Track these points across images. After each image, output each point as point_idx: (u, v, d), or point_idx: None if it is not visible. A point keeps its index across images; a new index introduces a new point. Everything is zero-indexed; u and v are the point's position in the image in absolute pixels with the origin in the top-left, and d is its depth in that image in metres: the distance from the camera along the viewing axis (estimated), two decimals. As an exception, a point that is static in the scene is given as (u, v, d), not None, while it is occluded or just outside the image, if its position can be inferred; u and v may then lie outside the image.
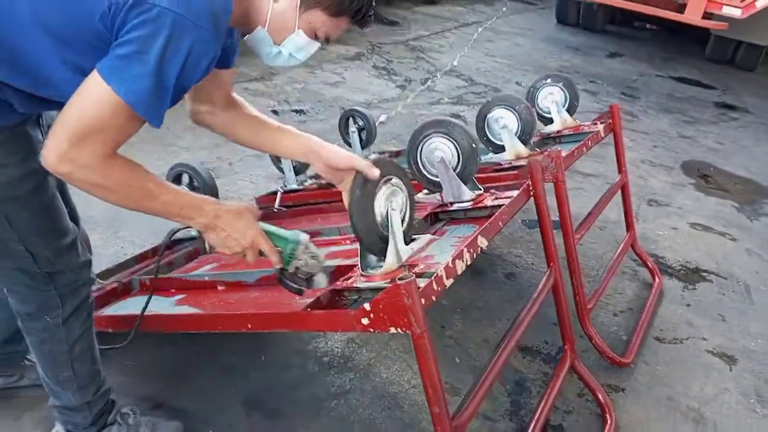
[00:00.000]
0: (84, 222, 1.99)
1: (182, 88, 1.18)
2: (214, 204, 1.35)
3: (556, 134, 2.83)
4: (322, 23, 1.31)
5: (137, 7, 1.09)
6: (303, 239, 1.45)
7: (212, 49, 1.17)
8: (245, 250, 1.38)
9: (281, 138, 1.57)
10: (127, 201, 1.24)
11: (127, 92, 1.11)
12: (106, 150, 1.16)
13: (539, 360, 2.35)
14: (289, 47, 1.34)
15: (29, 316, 1.48)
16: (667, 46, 8.83)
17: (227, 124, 1.58)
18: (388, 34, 7.14)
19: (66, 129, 1.13)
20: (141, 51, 1.10)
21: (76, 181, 1.18)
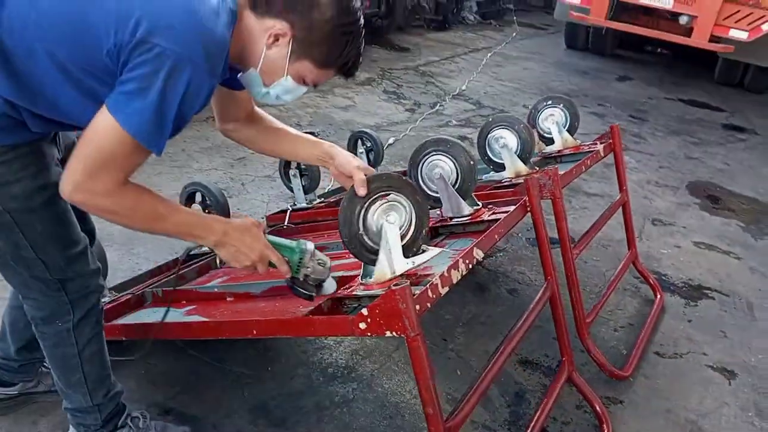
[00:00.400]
0: (101, 239, 2.10)
1: (182, 119, 1.29)
2: (222, 222, 1.46)
3: (557, 154, 2.91)
4: (310, 72, 1.41)
5: (140, 46, 1.19)
6: (309, 248, 1.54)
7: (207, 83, 1.27)
8: (255, 262, 1.48)
9: (300, 146, 1.73)
10: (140, 224, 1.36)
11: (130, 125, 1.22)
12: (117, 179, 1.26)
13: (539, 373, 2.40)
14: (277, 90, 1.44)
15: (43, 321, 1.57)
16: (676, 70, 8.91)
17: (252, 138, 1.73)
18: (399, 59, 7.30)
19: (80, 161, 1.24)
20: (143, 87, 1.21)
21: (91, 209, 1.30)
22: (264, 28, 1.36)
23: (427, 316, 2.59)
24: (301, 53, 1.38)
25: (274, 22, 1.35)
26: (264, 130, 1.73)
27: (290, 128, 1.76)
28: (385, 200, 1.59)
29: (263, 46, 1.37)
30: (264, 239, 1.49)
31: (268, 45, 1.37)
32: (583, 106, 6.41)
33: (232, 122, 1.70)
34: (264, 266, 1.50)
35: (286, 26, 1.35)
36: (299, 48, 1.37)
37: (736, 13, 6.58)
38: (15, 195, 1.39)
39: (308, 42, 1.37)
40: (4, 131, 1.32)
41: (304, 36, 1.36)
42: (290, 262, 1.52)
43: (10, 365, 1.85)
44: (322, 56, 1.39)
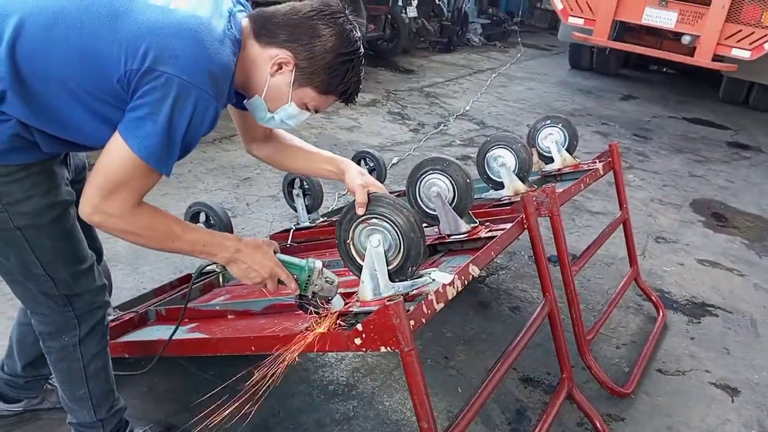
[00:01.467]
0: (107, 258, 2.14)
1: (189, 142, 1.35)
2: (234, 240, 1.51)
3: (556, 172, 2.93)
4: (312, 98, 1.48)
5: (148, 74, 1.26)
6: (317, 266, 1.59)
7: (213, 108, 1.33)
8: (265, 280, 1.53)
9: (315, 162, 1.81)
10: (155, 243, 1.42)
11: (140, 148, 1.28)
12: (132, 200, 1.33)
13: (540, 390, 2.41)
14: (281, 115, 1.51)
15: (50, 335, 1.61)
16: (681, 89, 8.96)
17: (271, 156, 1.82)
18: (404, 81, 7.38)
19: (96, 184, 1.31)
20: (152, 113, 1.27)
21: (108, 229, 1.36)
22: (268, 57, 1.42)
23: (428, 334, 2.63)
24: (304, 81, 1.44)
25: (278, 51, 1.41)
26: (282, 147, 1.82)
27: (307, 145, 1.84)
28: (367, 224, 1.62)
29: (267, 74, 1.43)
30: (274, 257, 1.54)
31: (272, 73, 1.43)
32: (587, 126, 6.46)
33: (254, 142, 1.79)
34: (273, 283, 1.55)
35: (290, 55, 1.41)
36: (302, 76, 1.43)
37: (738, 32, 6.63)
38: (25, 212, 1.44)
39: (311, 70, 1.43)
40: (16, 151, 1.38)
41: (306, 65, 1.42)
42: (299, 279, 1.57)
43: (17, 382, 1.88)
44: (323, 84, 1.45)
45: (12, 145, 1.36)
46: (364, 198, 1.62)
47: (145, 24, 1.28)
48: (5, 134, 1.34)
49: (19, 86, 1.30)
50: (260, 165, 4.25)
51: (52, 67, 1.29)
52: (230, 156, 4.36)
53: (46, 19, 1.29)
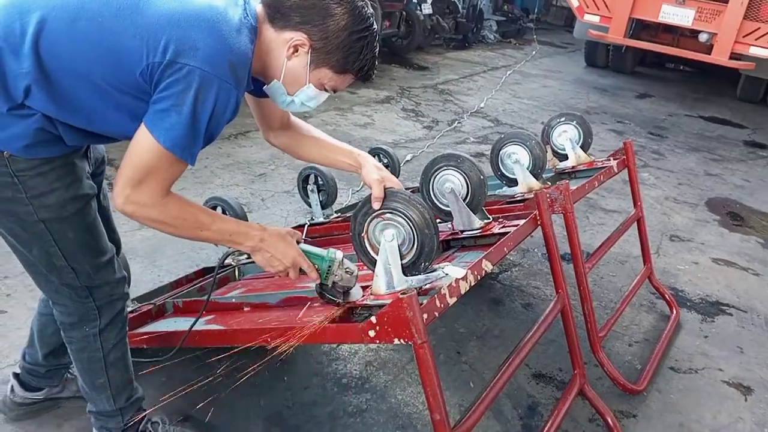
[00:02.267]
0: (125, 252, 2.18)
1: (213, 131, 1.39)
2: (259, 229, 1.55)
3: (571, 170, 2.93)
4: (330, 79, 1.50)
5: (170, 67, 1.29)
6: (338, 257, 1.62)
7: (234, 96, 1.36)
8: (287, 268, 1.57)
9: (332, 153, 1.82)
10: (184, 232, 1.46)
11: (166, 139, 1.32)
12: (160, 189, 1.37)
13: (552, 386, 2.42)
14: (301, 97, 1.53)
15: (71, 326, 1.65)
16: (698, 87, 8.89)
17: (288, 145, 1.85)
18: (418, 78, 7.39)
19: (126, 176, 1.35)
20: (176, 104, 1.31)
21: (140, 218, 1.40)
22: (283, 41, 1.44)
23: (441, 329, 2.65)
24: (320, 61, 1.46)
25: (293, 33, 1.43)
26: (300, 137, 1.84)
27: (326, 136, 1.86)
28: (382, 218, 1.64)
29: (284, 58, 1.46)
30: (296, 247, 1.58)
31: (288, 56, 1.46)
32: (603, 123, 6.44)
33: (271, 130, 1.82)
34: (295, 272, 1.59)
35: (304, 37, 1.43)
36: (318, 56, 1.46)
37: (757, 30, 6.57)
38: (49, 205, 1.47)
39: (326, 50, 1.45)
40: (41, 145, 1.42)
41: (321, 45, 1.44)
42: (319, 269, 1.61)
43: (38, 371, 1.93)
44: (339, 63, 1.47)
45: (37, 139, 1.40)
46: (381, 193, 1.64)
47: (164, 16, 1.31)
48: (30, 128, 1.38)
49: (44, 81, 1.33)
50: (275, 161, 4.29)
51: (76, 62, 1.33)
52: (246, 152, 4.40)
53: (69, 14, 1.32)
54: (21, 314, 2.38)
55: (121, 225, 3.06)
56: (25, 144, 1.39)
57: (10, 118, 1.36)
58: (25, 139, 1.38)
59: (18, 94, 1.33)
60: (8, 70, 1.32)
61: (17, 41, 1.31)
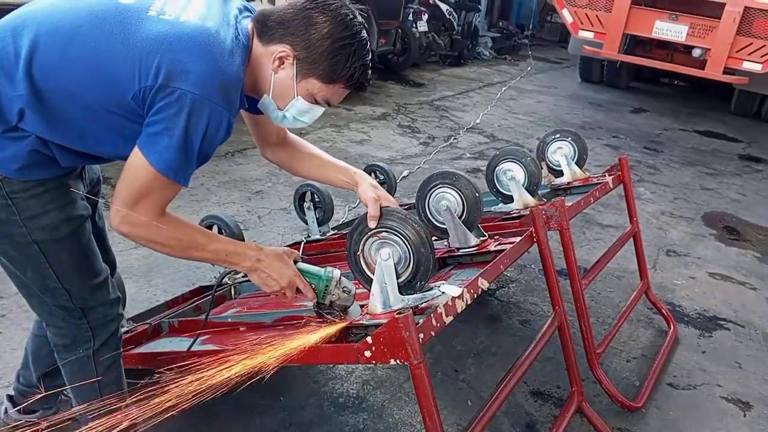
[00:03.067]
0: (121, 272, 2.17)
1: (205, 153, 1.39)
2: (256, 250, 1.54)
3: (566, 186, 2.94)
4: (319, 89, 1.49)
5: (162, 91, 1.30)
6: (336, 275, 1.62)
7: (226, 118, 1.37)
8: (284, 288, 1.57)
9: (329, 171, 1.82)
10: (179, 252, 1.47)
11: (159, 162, 1.33)
12: (155, 210, 1.38)
13: (550, 404, 2.40)
14: (292, 111, 1.52)
15: (65, 348, 1.64)
16: (692, 102, 8.94)
17: (285, 161, 1.85)
18: (414, 95, 7.43)
19: (121, 197, 1.36)
20: (168, 128, 1.32)
21: (135, 238, 1.40)
22: (269, 54, 1.45)
23: (438, 347, 2.64)
24: (306, 71, 1.46)
25: (277, 46, 1.44)
26: (296, 154, 1.84)
27: (323, 153, 1.86)
28: (378, 237, 1.64)
29: (271, 71, 1.46)
30: (293, 267, 1.58)
31: (274, 69, 1.46)
32: (598, 139, 6.46)
33: (268, 147, 1.82)
34: (292, 292, 1.58)
35: (288, 48, 1.43)
36: (303, 67, 1.45)
37: (749, 45, 6.63)
38: (43, 227, 1.47)
39: (310, 60, 1.44)
40: (35, 167, 1.42)
41: (305, 55, 1.44)
42: (317, 288, 1.60)
43: (32, 392, 1.91)
44: (326, 72, 1.46)
45: (30, 161, 1.40)
46: (377, 211, 1.64)
47: (156, 40, 1.32)
48: (24, 150, 1.38)
49: (38, 103, 1.34)
50: (272, 178, 4.29)
51: (69, 85, 1.34)
52: (242, 170, 4.41)
53: (62, 38, 1.33)
54: (15, 335, 2.36)
55: (117, 244, 3.06)
56: (18, 166, 1.39)
57: (4, 140, 1.36)
58: (18, 161, 1.39)
59: (12, 117, 1.34)
60: (2, 94, 1.32)
61: (11, 65, 1.32)
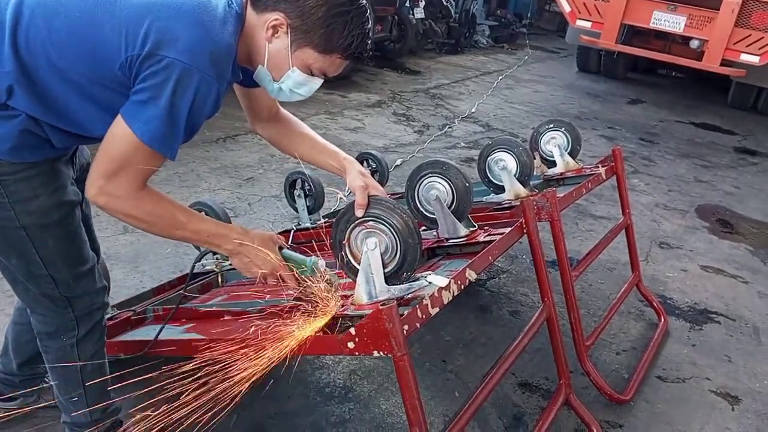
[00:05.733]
0: (108, 257, 2.14)
1: (193, 125, 1.35)
2: (240, 233, 1.51)
3: (559, 176, 2.91)
4: (315, 59, 1.43)
5: (149, 59, 1.26)
6: (320, 265, 1.58)
7: (215, 89, 1.32)
8: (266, 275, 1.53)
9: (318, 153, 1.78)
10: (158, 229, 1.43)
11: (143, 132, 1.29)
12: (135, 183, 1.34)
13: (538, 395, 2.39)
14: (288, 83, 1.47)
15: (48, 336, 1.61)
16: (689, 93, 8.91)
17: (275, 137, 1.81)
18: (410, 82, 7.37)
19: (100, 166, 1.32)
20: (154, 96, 1.28)
21: (111, 211, 1.36)
22: (263, 23, 1.40)
23: (427, 337, 2.62)
24: (301, 41, 1.40)
25: (271, 14, 1.39)
26: (287, 131, 1.80)
27: (315, 135, 1.81)
28: (364, 226, 1.61)
29: (265, 41, 1.41)
30: (278, 253, 1.54)
31: (268, 38, 1.41)
32: (594, 129, 6.43)
33: (258, 122, 1.78)
34: (274, 279, 1.55)
35: (282, 16, 1.38)
36: (298, 36, 1.40)
37: (747, 37, 6.59)
38: (32, 211, 1.44)
39: (305, 28, 1.39)
40: (26, 148, 1.38)
41: (300, 23, 1.38)
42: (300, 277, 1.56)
43: (12, 380, 1.89)
44: (322, 41, 1.40)
45: (21, 142, 1.36)
46: (365, 200, 1.61)
47: (144, 7, 1.28)
48: (15, 129, 1.35)
49: (26, 80, 1.31)
50: (263, 165, 4.25)
51: (55, 59, 1.30)
52: (234, 156, 4.37)
53: (46, 10, 1.30)
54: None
55: (104, 230, 3.04)
56: (10, 146, 1.36)
57: None
58: (9, 141, 1.35)
59: (0, 94, 1.30)
60: None
61: None
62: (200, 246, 1.54)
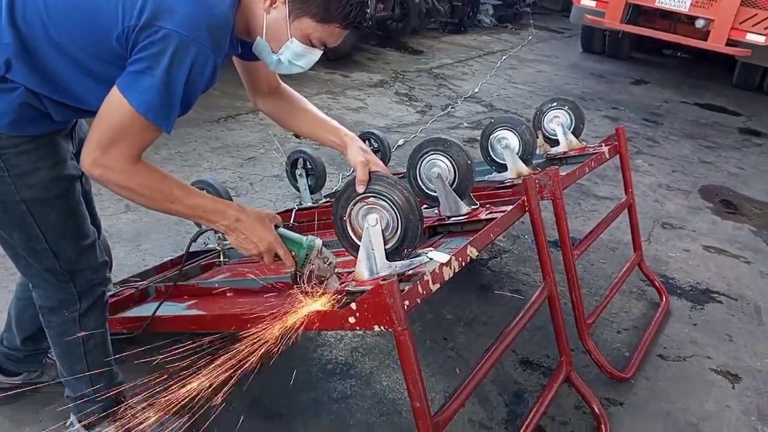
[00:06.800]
0: (110, 236, 2.14)
1: (189, 98, 1.34)
2: (236, 210, 1.50)
3: (562, 155, 2.90)
4: (314, 30, 1.41)
5: (146, 29, 1.25)
6: (317, 245, 1.57)
7: (212, 60, 1.31)
8: (262, 253, 1.52)
9: (319, 128, 1.77)
10: (154, 203, 1.41)
11: (139, 103, 1.28)
12: (130, 155, 1.33)
13: (539, 373, 2.40)
14: (287, 55, 1.45)
15: (50, 310, 1.62)
16: (694, 74, 8.83)
17: (275, 113, 1.79)
18: (413, 62, 7.32)
19: (96, 137, 1.31)
20: (150, 67, 1.27)
21: (107, 183, 1.35)
22: None
23: (429, 315, 2.63)
24: (300, 11, 1.39)
25: None
26: (288, 106, 1.78)
27: (315, 110, 1.80)
28: (365, 203, 1.61)
29: (263, 12, 1.40)
30: (274, 231, 1.53)
31: (266, 9, 1.39)
32: (597, 110, 6.39)
33: (258, 96, 1.76)
34: (270, 257, 1.54)
35: None
36: (296, 6, 1.38)
37: (754, 16, 6.51)
38: (32, 185, 1.44)
39: None
40: (26, 121, 1.38)
41: None
42: (297, 256, 1.56)
43: (15, 355, 1.90)
44: (320, 10, 1.39)
45: (21, 115, 1.36)
46: (365, 176, 1.60)
47: None
48: (14, 103, 1.34)
49: (24, 53, 1.30)
50: (265, 145, 4.24)
51: (53, 31, 1.30)
52: (235, 135, 4.35)
53: None
54: (1, 297, 2.34)
55: (106, 208, 3.04)
56: (10, 120, 1.35)
57: None
58: (9, 115, 1.35)
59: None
60: None
61: None
62: (197, 222, 1.53)
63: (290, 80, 1.80)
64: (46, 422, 1.88)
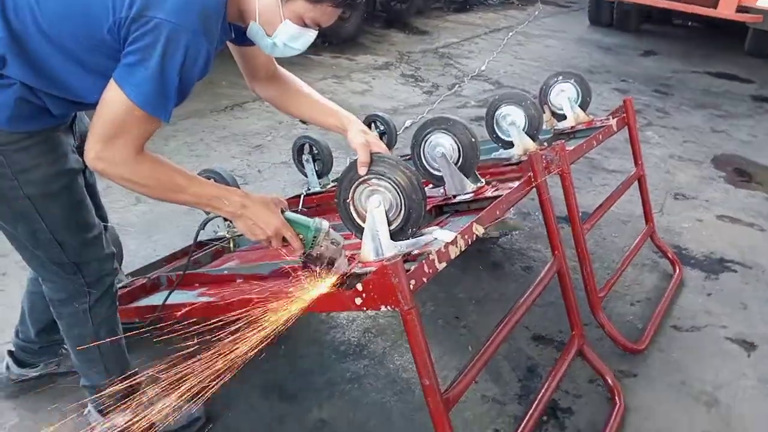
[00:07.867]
0: (121, 228, 2.16)
1: (185, 86, 1.34)
2: (242, 196, 1.50)
3: (570, 130, 2.87)
4: (306, 10, 1.39)
5: (137, 21, 1.25)
6: (323, 227, 1.58)
7: (204, 48, 1.31)
8: (269, 237, 1.53)
9: (319, 112, 1.76)
10: (159, 193, 1.42)
11: (136, 95, 1.29)
12: (132, 147, 1.33)
13: (552, 348, 2.40)
14: (282, 38, 1.44)
15: (60, 302, 1.64)
16: (705, 43, 8.68)
17: (274, 98, 1.78)
18: (418, 42, 7.26)
19: (97, 131, 1.32)
20: (144, 58, 1.27)
21: (111, 176, 1.36)
22: None
23: (440, 294, 2.63)
24: None
25: None
26: (287, 91, 1.77)
27: (315, 94, 1.79)
28: (368, 184, 1.60)
29: None
30: (280, 216, 1.54)
31: None
32: (606, 83, 6.32)
33: (257, 82, 1.76)
34: (278, 241, 1.54)
35: None
36: None
37: (764, -20, 6.37)
38: (34, 181, 1.45)
39: None
40: (25, 117, 1.39)
41: None
42: (304, 239, 1.56)
43: (31, 347, 1.93)
44: None
45: (18, 111, 1.37)
46: (367, 158, 1.60)
47: None
48: (11, 99, 1.35)
49: (17, 48, 1.31)
50: (272, 132, 4.24)
51: (44, 25, 1.30)
52: (242, 123, 4.36)
53: None
54: (15, 292, 2.36)
55: (117, 201, 3.07)
56: (8, 115, 1.36)
57: None
58: (7, 110, 1.36)
59: None
60: None
61: None
62: (203, 210, 1.54)
63: (296, 66, 1.80)
64: (64, 411, 1.91)
